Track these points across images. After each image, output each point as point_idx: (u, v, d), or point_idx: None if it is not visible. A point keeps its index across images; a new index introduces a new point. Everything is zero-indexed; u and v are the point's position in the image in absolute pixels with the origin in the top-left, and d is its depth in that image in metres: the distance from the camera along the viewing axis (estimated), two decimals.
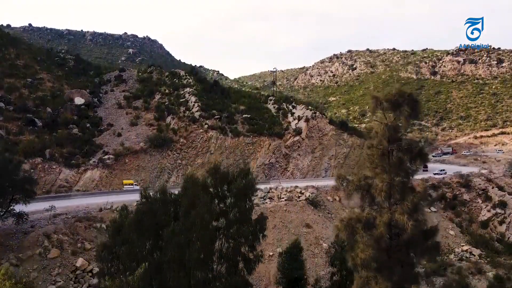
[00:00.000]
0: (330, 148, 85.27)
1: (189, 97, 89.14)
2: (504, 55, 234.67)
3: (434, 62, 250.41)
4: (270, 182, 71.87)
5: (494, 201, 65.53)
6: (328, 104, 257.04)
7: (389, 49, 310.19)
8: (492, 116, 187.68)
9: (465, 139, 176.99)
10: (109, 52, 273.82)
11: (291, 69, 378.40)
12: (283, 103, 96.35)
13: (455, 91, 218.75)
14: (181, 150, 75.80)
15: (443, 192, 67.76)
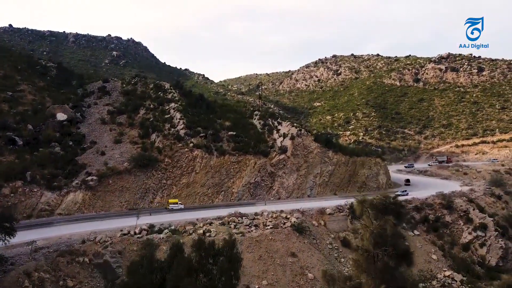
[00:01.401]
0: (315, 166, 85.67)
1: (174, 113, 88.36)
2: (484, 63, 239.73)
3: (417, 69, 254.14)
4: (255, 204, 71.90)
5: (475, 223, 66.84)
6: (313, 110, 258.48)
7: (373, 55, 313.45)
8: (473, 125, 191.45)
9: (447, 147, 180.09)
10: (92, 54, 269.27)
11: (276, 72, 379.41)
12: (269, 119, 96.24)
13: (437, 99, 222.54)
14: (166, 170, 75.08)
15: (426, 214, 68.76)
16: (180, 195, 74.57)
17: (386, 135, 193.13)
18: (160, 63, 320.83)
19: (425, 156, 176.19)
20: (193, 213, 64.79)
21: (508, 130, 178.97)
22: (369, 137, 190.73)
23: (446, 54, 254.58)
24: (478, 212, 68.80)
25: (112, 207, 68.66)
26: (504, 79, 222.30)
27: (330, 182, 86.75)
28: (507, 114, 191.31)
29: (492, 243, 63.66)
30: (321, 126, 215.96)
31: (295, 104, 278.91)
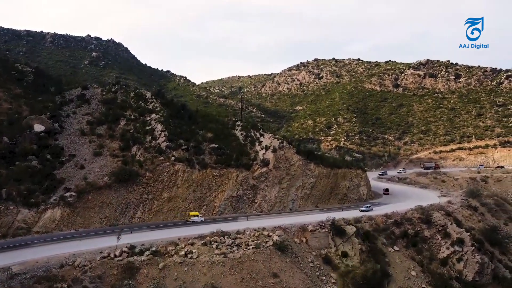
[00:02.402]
0: (297, 179, 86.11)
1: (155, 124, 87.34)
2: (461, 70, 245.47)
3: (396, 75, 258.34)
4: (237, 219, 71.75)
5: (453, 238, 68.35)
6: (295, 114, 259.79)
7: (354, 59, 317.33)
8: (450, 131, 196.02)
9: (425, 153, 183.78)
10: (71, 55, 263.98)
11: (258, 75, 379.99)
12: (251, 130, 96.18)
13: (416, 105, 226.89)
14: (147, 184, 74.16)
15: (405, 228, 69.95)
16: (161, 210, 73.91)
17: (367, 140, 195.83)
18: (141, 64, 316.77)
19: (405, 162, 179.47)
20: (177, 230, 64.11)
21: (484, 137, 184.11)
22: (350, 143, 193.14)
23: (424, 60, 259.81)
24: (456, 227, 70.35)
25: (91, 223, 67.51)
26: (480, 86, 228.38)
27: (312, 194, 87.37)
28: (483, 121, 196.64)
29: (469, 258, 65.22)
30: (303, 131, 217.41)
31: (277, 108, 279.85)
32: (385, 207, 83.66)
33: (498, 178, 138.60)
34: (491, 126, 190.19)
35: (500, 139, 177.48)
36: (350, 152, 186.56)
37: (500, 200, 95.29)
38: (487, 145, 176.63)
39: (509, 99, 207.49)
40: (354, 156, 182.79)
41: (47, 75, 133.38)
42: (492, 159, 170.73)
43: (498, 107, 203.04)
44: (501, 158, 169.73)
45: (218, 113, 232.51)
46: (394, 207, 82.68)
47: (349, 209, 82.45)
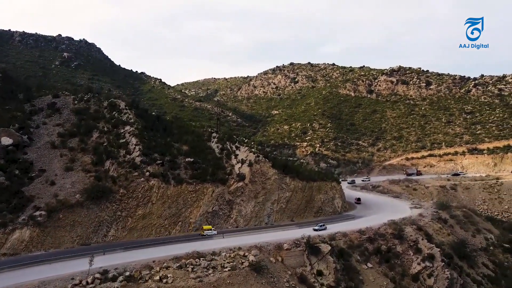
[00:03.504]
0: (273, 193, 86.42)
1: (129, 137, 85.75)
2: (432, 77, 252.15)
3: (370, 81, 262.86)
4: (213, 237, 71.31)
5: (424, 253, 70.20)
6: (271, 118, 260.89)
7: (329, 64, 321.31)
8: (421, 138, 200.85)
9: (398, 160, 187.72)
10: (41, 55, 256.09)
11: (234, 77, 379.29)
12: (227, 142, 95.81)
13: (389, 111, 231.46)
14: (120, 201, 72.72)
15: (378, 244, 71.27)
16: (135, 228, 72.68)
17: (341, 146, 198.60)
18: (115, 65, 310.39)
19: (378, 169, 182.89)
20: (151, 250, 63.12)
21: (453, 144, 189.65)
22: (325, 149, 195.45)
23: (397, 67, 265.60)
24: (426, 242, 72.26)
25: (62, 243, 65.69)
26: (450, 94, 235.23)
27: (288, 208, 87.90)
28: (452, 128, 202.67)
29: (439, 273, 67.11)
30: (278, 136, 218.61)
31: (253, 112, 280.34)
32: (359, 221, 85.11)
33: (467, 186, 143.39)
34: (460, 134, 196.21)
35: (468, 146, 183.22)
36: (325, 158, 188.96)
37: (468, 212, 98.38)
38: (456, 152, 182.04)
39: (476, 107, 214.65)
40: (329, 163, 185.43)
41: (16, 81, 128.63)
42: (461, 165, 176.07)
43: (467, 115, 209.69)
44: (469, 165, 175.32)
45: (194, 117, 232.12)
46: (368, 221, 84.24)
47: (324, 222, 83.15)
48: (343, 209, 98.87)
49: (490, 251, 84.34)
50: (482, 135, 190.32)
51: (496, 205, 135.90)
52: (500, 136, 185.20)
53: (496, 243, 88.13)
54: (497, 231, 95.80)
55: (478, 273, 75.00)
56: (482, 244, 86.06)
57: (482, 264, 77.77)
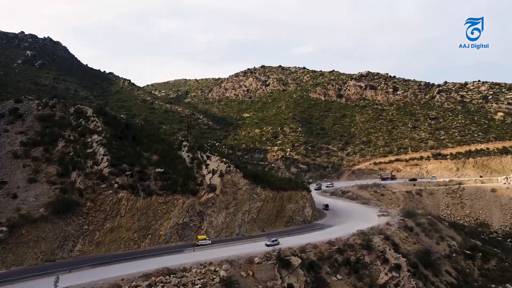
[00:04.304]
0: (244, 203, 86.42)
1: (97, 147, 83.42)
2: (398, 83, 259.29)
3: (340, 85, 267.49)
4: (184, 250, 70.52)
5: (391, 263, 72.06)
6: (242, 121, 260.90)
7: (299, 68, 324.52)
8: (389, 143, 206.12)
9: (366, 164, 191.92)
10: (2, 53, 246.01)
11: (206, 79, 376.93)
12: (198, 151, 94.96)
13: (358, 115, 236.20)
14: (87, 215, 70.65)
15: (348, 255, 72.57)
16: (103, 242, 70.84)
17: (312, 151, 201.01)
18: (82, 64, 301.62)
19: (347, 173, 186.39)
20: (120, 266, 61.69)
21: (418, 149, 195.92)
22: (295, 153, 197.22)
23: (365, 72, 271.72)
24: (393, 252, 74.23)
25: (25, 260, 63.12)
26: (415, 99, 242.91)
27: (259, 218, 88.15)
28: (418, 133, 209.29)
29: (405, 283, 69.07)
30: (250, 140, 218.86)
31: (224, 114, 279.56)
32: (328, 231, 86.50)
33: (431, 191, 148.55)
34: (425, 139, 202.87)
35: (432, 152, 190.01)
36: (295, 163, 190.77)
37: (433, 219, 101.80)
38: (421, 157, 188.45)
39: (440, 112, 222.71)
40: (300, 167, 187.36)
41: None
42: (426, 170, 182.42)
43: (431, 120, 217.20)
44: (434, 169, 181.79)
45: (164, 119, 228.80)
46: (337, 230, 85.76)
47: (294, 233, 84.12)
48: (313, 218, 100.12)
49: (453, 258, 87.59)
50: (445, 140, 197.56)
51: (459, 210, 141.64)
52: (462, 142, 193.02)
53: (458, 250, 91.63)
54: (460, 237, 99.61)
55: (442, 281, 77.72)
56: (445, 251, 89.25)
57: (445, 272, 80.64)
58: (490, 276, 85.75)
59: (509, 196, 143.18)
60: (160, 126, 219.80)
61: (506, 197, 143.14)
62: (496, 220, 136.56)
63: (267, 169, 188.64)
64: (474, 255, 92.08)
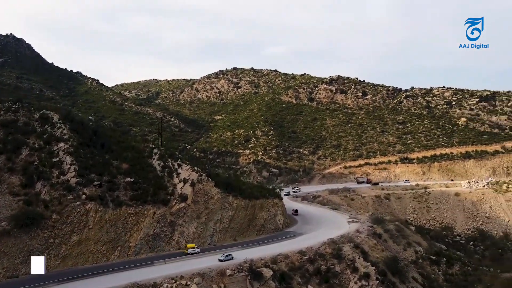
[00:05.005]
0: (215, 213, 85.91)
1: (63, 156, 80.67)
2: (368, 88, 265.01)
3: (311, 89, 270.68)
4: (154, 263, 69.26)
5: (360, 272, 73.38)
6: (214, 123, 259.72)
7: (271, 70, 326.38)
8: (358, 146, 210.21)
9: (336, 168, 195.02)
10: None
11: (177, 80, 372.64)
12: (169, 159, 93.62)
13: (329, 119, 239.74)
14: (53, 228, 68.18)
15: (318, 265, 73.42)
16: (70, 255, 68.64)
17: (283, 155, 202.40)
18: (47, 63, 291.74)
19: (318, 177, 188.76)
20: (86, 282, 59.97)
21: (387, 153, 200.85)
22: (267, 157, 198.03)
23: (336, 76, 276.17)
24: (363, 261, 75.71)
25: None
26: (384, 104, 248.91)
27: (230, 228, 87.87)
28: (386, 137, 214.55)
29: None
30: (221, 143, 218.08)
31: (196, 116, 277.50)
32: (300, 239, 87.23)
33: (399, 195, 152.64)
34: (393, 143, 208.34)
35: (400, 156, 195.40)
36: (267, 167, 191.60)
37: (400, 225, 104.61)
38: (389, 161, 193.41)
39: (407, 117, 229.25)
40: (271, 171, 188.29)
41: None
42: (394, 174, 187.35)
43: (399, 125, 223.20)
44: (401, 173, 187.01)
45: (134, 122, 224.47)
46: (308, 239, 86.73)
47: (266, 242, 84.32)
48: (284, 226, 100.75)
49: (419, 264, 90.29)
50: (412, 144, 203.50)
51: (425, 214, 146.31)
52: (428, 146, 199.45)
53: (424, 255, 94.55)
54: (425, 243, 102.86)
55: (408, 287, 79.90)
56: (412, 257, 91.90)
57: (412, 278, 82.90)
58: (454, 281, 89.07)
59: (471, 200, 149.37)
60: (130, 128, 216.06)
61: (468, 201, 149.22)
62: (459, 224, 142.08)
63: (239, 173, 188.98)
64: (439, 260, 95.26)
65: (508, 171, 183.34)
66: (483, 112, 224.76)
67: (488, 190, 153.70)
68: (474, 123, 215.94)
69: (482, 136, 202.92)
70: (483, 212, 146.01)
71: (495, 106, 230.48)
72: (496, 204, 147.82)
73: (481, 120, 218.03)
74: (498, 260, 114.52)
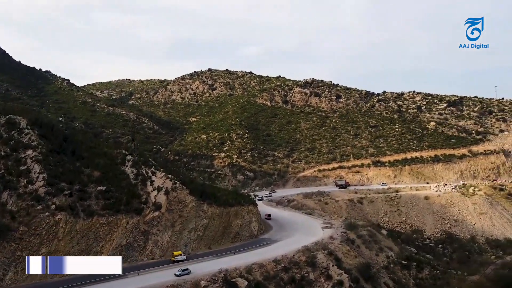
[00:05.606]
0: (190, 221, 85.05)
1: (31, 164, 77.93)
2: (341, 91, 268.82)
3: (286, 91, 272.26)
4: (128, 275, 67.77)
5: (334, 279, 74.21)
6: (188, 125, 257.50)
7: (246, 72, 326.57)
8: (332, 150, 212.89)
9: (311, 171, 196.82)
10: None
11: (151, 80, 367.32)
12: (142, 166, 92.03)
13: (303, 122, 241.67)
14: (21, 240, 65.72)
15: (293, 273, 73.78)
16: None
17: (258, 158, 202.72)
18: (14, 61, 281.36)
19: (293, 180, 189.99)
20: None
21: (360, 156, 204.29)
22: (242, 160, 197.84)
23: (310, 79, 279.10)
24: (336, 268, 76.57)
25: None
26: (357, 107, 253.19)
27: (205, 236, 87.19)
28: (359, 141, 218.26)
29: None
30: (196, 146, 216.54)
31: (170, 118, 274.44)
32: (274, 247, 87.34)
33: (371, 199, 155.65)
34: (366, 146, 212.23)
35: (372, 159, 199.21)
36: (242, 170, 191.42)
37: (372, 231, 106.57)
38: (362, 164, 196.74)
39: (380, 121, 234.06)
40: (246, 175, 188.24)
41: None
42: (367, 177, 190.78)
43: (371, 128, 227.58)
44: (374, 176, 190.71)
45: (107, 123, 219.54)
46: (283, 246, 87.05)
47: (241, 250, 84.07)
48: (259, 232, 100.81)
49: (390, 269, 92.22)
50: (384, 148, 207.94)
51: (396, 217, 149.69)
52: (399, 150, 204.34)
53: (395, 260, 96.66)
54: (397, 247, 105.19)
55: None
56: (384, 262, 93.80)
57: (384, 284, 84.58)
58: (424, 286, 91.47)
59: (440, 204, 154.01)
60: (102, 130, 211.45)
61: (437, 205, 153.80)
62: (429, 227, 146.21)
63: (213, 176, 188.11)
64: (410, 264, 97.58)
65: (475, 174, 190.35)
66: (451, 117, 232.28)
67: (456, 194, 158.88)
68: (443, 127, 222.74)
69: (450, 140, 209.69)
70: (451, 215, 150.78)
71: (463, 111, 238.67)
72: (463, 207, 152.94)
73: (449, 125, 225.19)
74: (465, 263, 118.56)
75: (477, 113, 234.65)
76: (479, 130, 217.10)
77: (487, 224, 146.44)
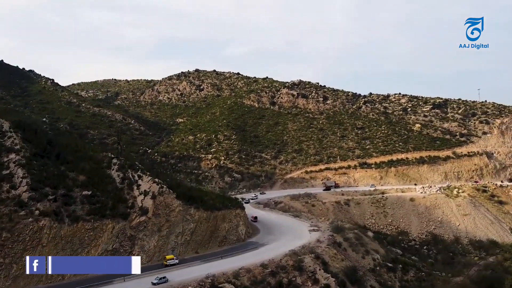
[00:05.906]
0: (177, 225, 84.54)
1: (14, 168, 76.64)
2: (328, 93, 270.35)
3: (273, 93, 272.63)
4: (114, 281, 67.13)
5: (321, 283, 74.64)
6: (176, 126, 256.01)
7: (234, 73, 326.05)
8: (319, 151, 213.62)
9: (298, 173, 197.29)
10: None
11: (137, 80, 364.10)
12: (129, 170, 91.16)
13: (291, 123, 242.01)
14: (3, 246, 64.46)
15: (280, 278, 73.91)
16: (22, 275, 65.00)
17: (246, 159, 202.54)
18: None
19: (280, 182, 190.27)
20: None
21: (346, 158, 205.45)
22: (229, 162, 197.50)
23: (297, 80, 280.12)
24: (323, 272, 76.95)
25: None
26: (344, 109, 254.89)
27: (192, 240, 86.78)
28: (346, 142, 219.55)
29: None
30: (183, 147, 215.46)
31: (157, 119, 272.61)
32: (262, 251, 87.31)
33: (358, 201, 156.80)
34: (352, 148, 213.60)
35: (359, 161, 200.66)
36: (229, 171, 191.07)
37: (359, 233, 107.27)
38: (349, 165, 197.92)
39: (366, 123, 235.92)
40: (234, 177, 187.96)
41: None
42: (353, 179, 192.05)
43: (358, 130, 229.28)
44: (360, 178, 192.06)
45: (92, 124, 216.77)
46: (270, 250, 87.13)
47: (228, 255, 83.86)
48: (246, 236, 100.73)
49: (376, 272, 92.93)
50: (370, 150, 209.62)
51: (382, 219, 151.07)
52: (385, 151, 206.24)
53: (381, 262, 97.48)
54: (383, 250, 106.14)
55: None
56: (370, 265, 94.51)
57: (370, 287, 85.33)
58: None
59: (425, 205, 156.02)
60: (87, 131, 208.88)
61: (422, 206, 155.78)
62: (414, 228, 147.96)
63: (201, 178, 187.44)
64: (396, 267, 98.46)
65: (459, 175, 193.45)
66: (435, 119, 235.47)
67: (440, 195, 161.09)
68: (428, 129, 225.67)
69: (435, 142, 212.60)
70: (436, 216, 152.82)
71: (447, 113, 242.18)
72: (447, 209, 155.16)
73: (434, 127, 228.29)
74: (450, 264, 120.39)
75: (461, 115, 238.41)
76: (463, 132, 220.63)
77: (471, 226, 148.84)
